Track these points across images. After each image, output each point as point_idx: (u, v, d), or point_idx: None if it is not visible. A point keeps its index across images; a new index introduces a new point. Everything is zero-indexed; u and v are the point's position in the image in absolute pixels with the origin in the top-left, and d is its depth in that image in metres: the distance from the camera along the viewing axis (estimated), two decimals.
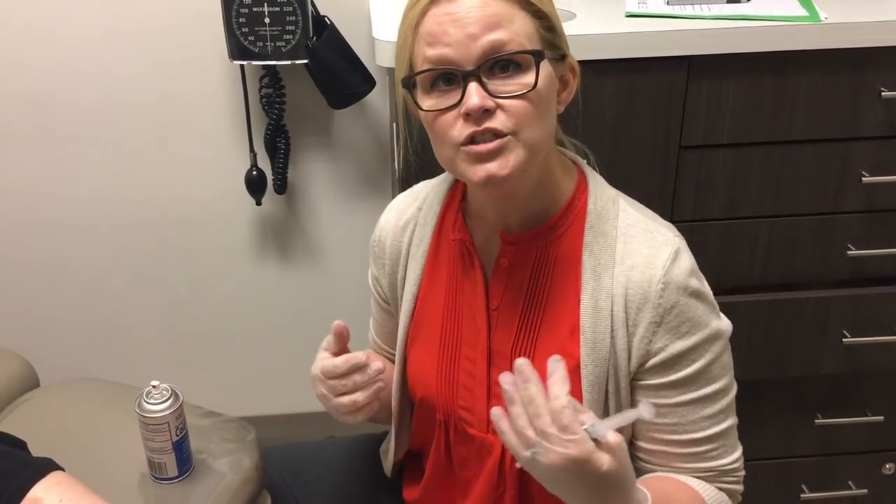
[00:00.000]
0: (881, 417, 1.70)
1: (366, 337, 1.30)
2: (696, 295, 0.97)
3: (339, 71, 1.65)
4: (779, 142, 1.48)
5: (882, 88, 1.44)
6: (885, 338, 1.58)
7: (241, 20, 1.60)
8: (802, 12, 1.40)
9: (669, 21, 1.40)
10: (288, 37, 1.62)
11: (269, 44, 1.62)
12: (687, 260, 0.98)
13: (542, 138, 0.93)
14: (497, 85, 0.90)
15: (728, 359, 1.02)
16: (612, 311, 0.98)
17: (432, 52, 0.90)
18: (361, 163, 1.87)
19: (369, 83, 1.68)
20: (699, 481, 1.02)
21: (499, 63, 0.90)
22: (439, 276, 1.10)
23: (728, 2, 1.45)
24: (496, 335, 1.05)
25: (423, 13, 0.91)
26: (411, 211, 1.13)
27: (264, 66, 1.70)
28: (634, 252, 0.98)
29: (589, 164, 1.07)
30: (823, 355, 1.61)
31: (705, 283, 1.00)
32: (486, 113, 0.89)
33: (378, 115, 1.81)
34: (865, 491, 1.77)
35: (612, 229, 1.00)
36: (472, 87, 0.89)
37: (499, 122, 0.90)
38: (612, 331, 0.98)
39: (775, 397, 1.68)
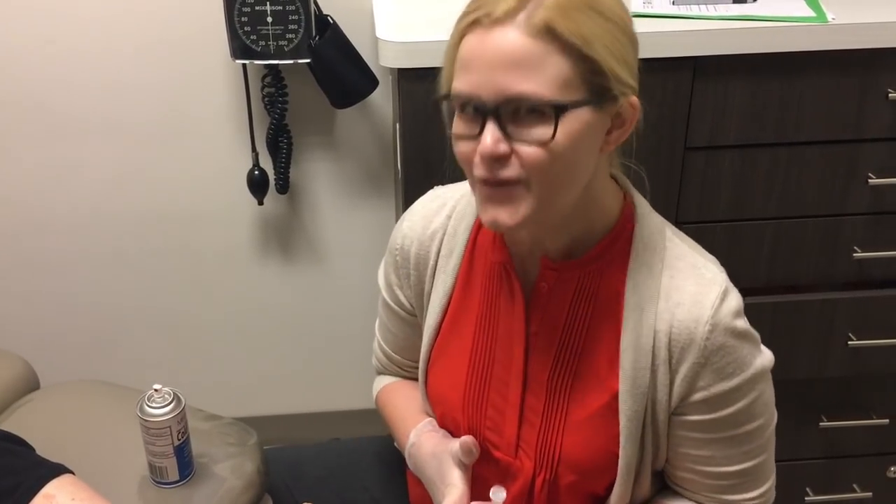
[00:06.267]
0: (886, 420, 1.70)
1: (367, 338, 1.29)
2: (743, 336, 0.95)
3: (341, 70, 1.64)
4: (785, 143, 1.47)
5: (889, 90, 1.43)
6: (890, 340, 1.58)
7: (243, 19, 1.59)
8: (809, 13, 1.39)
9: (675, 21, 1.39)
10: (290, 36, 1.61)
11: (271, 43, 1.61)
12: (734, 300, 0.95)
13: (557, 189, 0.88)
14: (516, 129, 0.85)
15: (770, 394, 1.00)
16: (653, 347, 0.95)
17: (461, 80, 0.86)
18: (364, 163, 1.86)
19: (372, 83, 1.67)
20: None
21: (520, 107, 0.84)
22: (473, 293, 1.06)
23: (734, 2, 1.44)
24: (533, 360, 1.02)
25: (463, 35, 0.86)
26: (440, 219, 1.08)
27: (266, 66, 1.69)
28: (681, 288, 0.95)
29: (637, 185, 1.03)
30: (829, 358, 1.60)
31: (746, 320, 0.97)
32: (500, 160, 0.85)
33: (381, 114, 1.80)
34: (870, 494, 1.76)
35: (658, 261, 0.96)
36: (489, 127, 0.85)
37: (511, 170, 0.86)
38: (653, 367, 0.95)
39: (780, 400, 1.63)
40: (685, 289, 0.94)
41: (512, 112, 0.85)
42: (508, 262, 1.01)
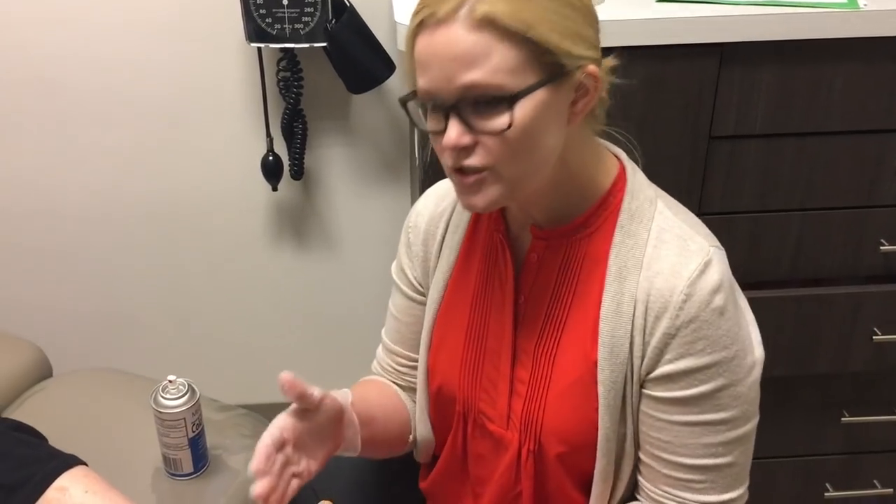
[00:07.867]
0: None
1: (380, 327, 1.26)
2: (720, 313, 0.92)
3: (358, 55, 1.61)
4: (812, 133, 1.44)
5: None
6: None
7: (258, 1, 1.57)
8: None
9: (701, 7, 1.36)
10: (306, 19, 1.58)
11: (287, 26, 1.59)
12: (716, 274, 0.92)
13: (525, 171, 0.91)
14: (476, 120, 0.88)
15: (747, 390, 0.95)
16: (633, 316, 0.95)
17: (420, 81, 0.89)
18: (380, 149, 1.84)
19: (389, 68, 1.64)
20: None
21: (477, 99, 0.87)
22: (472, 266, 1.08)
23: None
24: (521, 331, 1.03)
25: (414, 36, 0.89)
26: (451, 198, 1.10)
27: (282, 49, 1.67)
28: (663, 258, 0.94)
29: (634, 157, 1.03)
30: (852, 352, 1.57)
31: (741, 302, 0.96)
32: (465, 150, 0.89)
33: (397, 100, 1.78)
34: (891, 490, 1.74)
35: (643, 231, 0.96)
36: (451, 122, 0.88)
37: (475, 159, 0.89)
38: (631, 336, 0.95)
39: (802, 394, 1.65)
40: (667, 259, 0.94)
41: (472, 104, 0.87)
42: (502, 230, 1.04)
